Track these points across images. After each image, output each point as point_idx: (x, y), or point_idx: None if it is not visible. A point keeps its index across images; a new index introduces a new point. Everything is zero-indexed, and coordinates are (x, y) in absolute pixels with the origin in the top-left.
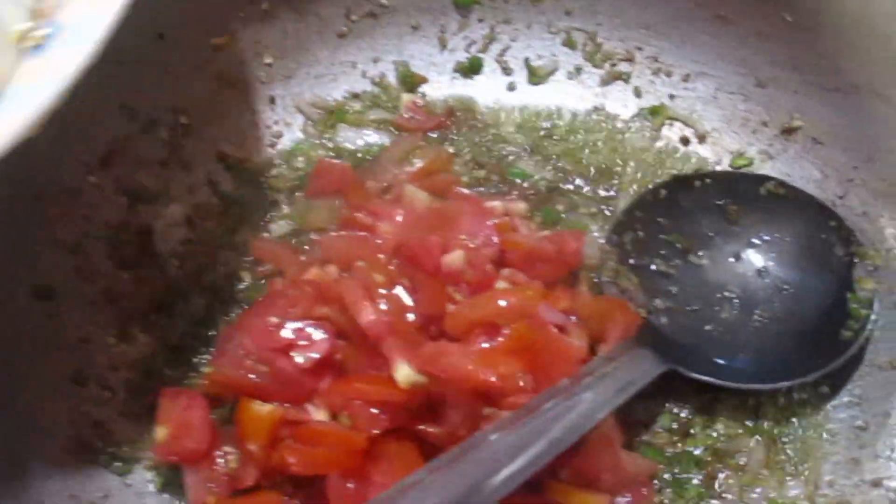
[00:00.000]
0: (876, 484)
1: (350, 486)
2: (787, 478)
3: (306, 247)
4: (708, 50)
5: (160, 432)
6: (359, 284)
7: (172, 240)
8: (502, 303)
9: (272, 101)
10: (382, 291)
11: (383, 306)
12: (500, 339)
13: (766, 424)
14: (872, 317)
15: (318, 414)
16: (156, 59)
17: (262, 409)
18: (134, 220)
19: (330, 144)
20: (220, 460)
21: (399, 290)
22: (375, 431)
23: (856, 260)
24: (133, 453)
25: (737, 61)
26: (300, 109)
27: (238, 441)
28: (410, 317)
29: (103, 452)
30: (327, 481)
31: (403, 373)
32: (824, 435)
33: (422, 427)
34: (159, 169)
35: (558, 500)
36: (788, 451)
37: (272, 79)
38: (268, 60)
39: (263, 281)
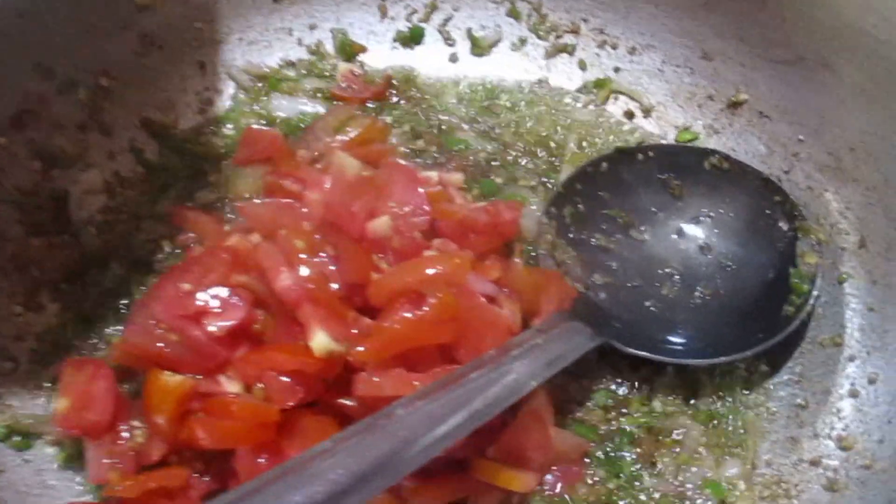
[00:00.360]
0: (814, 463)
1: (261, 461)
2: (725, 457)
3: (231, 216)
4: (654, 22)
5: (61, 403)
6: (277, 250)
7: (90, 207)
8: (428, 271)
9: (202, 66)
10: (303, 257)
11: (304, 272)
12: (425, 308)
13: (703, 403)
14: (815, 293)
15: (231, 386)
16: (75, 15)
17: (172, 379)
18: (48, 185)
19: (262, 112)
20: (125, 434)
21: (322, 259)
22: (290, 403)
23: (799, 235)
24: (35, 428)
25: (683, 33)
26: (231, 76)
27: (145, 415)
28: (334, 287)
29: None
30: (236, 456)
31: (320, 340)
32: (763, 413)
33: (340, 400)
34: (77, 133)
35: (485, 478)
36: (726, 430)
37: (202, 43)
38: (198, 24)
39: (183, 250)
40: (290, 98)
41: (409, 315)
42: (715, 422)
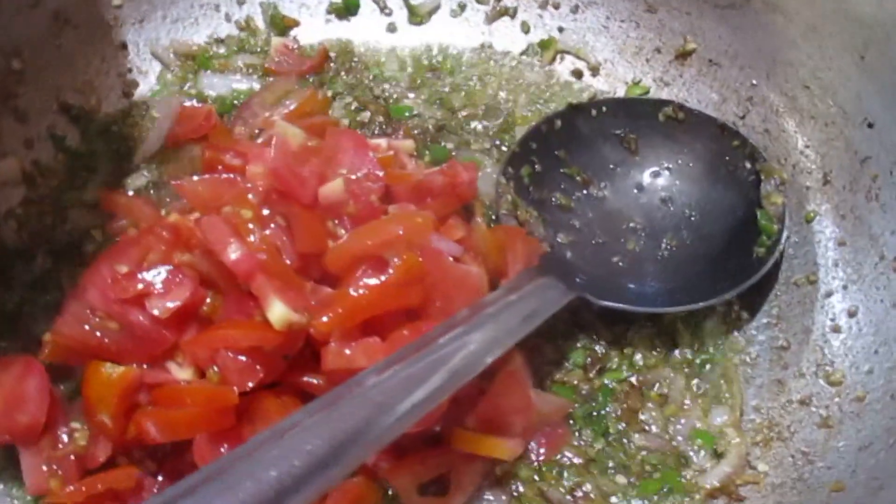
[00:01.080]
0: (804, 402)
1: (222, 449)
2: (712, 405)
3: (168, 199)
4: None
5: None
6: (223, 221)
7: (9, 200)
8: (389, 232)
9: (124, 46)
10: (252, 228)
11: (254, 242)
12: (389, 271)
13: (684, 353)
14: (785, 232)
15: (181, 372)
16: None
17: (114, 371)
18: None
19: (192, 92)
20: (64, 437)
21: (272, 230)
22: (249, 384)
23: (762, 177)
24: None
25: None
26: (156, 56)
27: (86, 413)
28: (287, 261)
29: None
30: (194, 446)
31: (278, 311)
32: (746, 359)
33: (304, 378)
34: None
35: (467, 449)
36: (710, 379)
37: (123, 22)
38: (116, 2)
39: (118, 239)
40: (221, 75)
41: (372, 280)
42: (697, 371)
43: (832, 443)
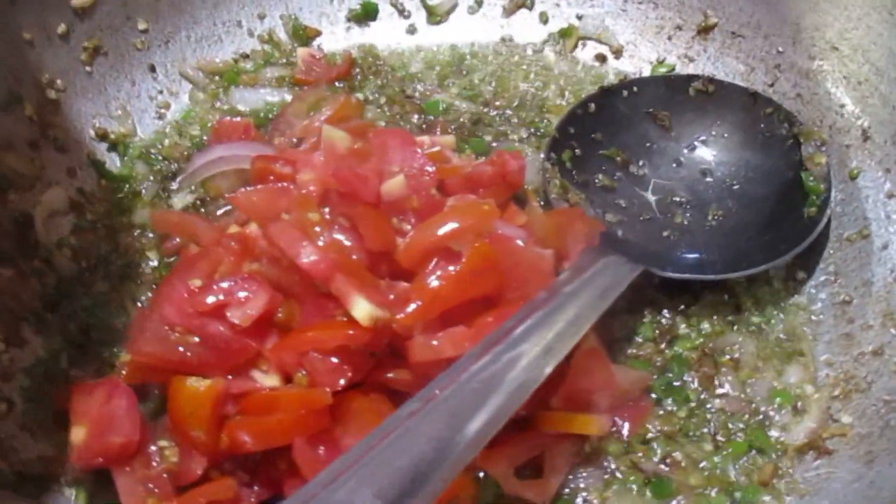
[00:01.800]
0: (877, 353)
1: (320, 451)
2: (784, 365)
3: (218, 214)
4: None
5: (76, 434)
6: (292, 226)
7: (59, 229)
8: (457, 223)
9: (152, 69)
10: (318, 230)
11: (327, 243)
12: (463, 261)
13: (748, 317)
14: (832, 190)
15: (266, 380)
16: (7, 24)
17: (200, 384)
18: (7, 209)
19: (225, 108)
20: (155, 456)
21: (338, 233)
22: (341, 383)
23: (801, 140)
24: (45, 469)
25: None
26: (185, 75)
27: (174, 430)
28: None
29: (8, 474)
30: (294, 450)
31: (363, 308)
32: (810, 317)
33: (389, 375)
34: (30, 151)
35: (557, 428)
36: (778, 340)
37: (149, 45)
38: (141, 26)
39: (174, 258)
40: (251, 90)
41: (447, 270)
42: (765, 334)
43: None
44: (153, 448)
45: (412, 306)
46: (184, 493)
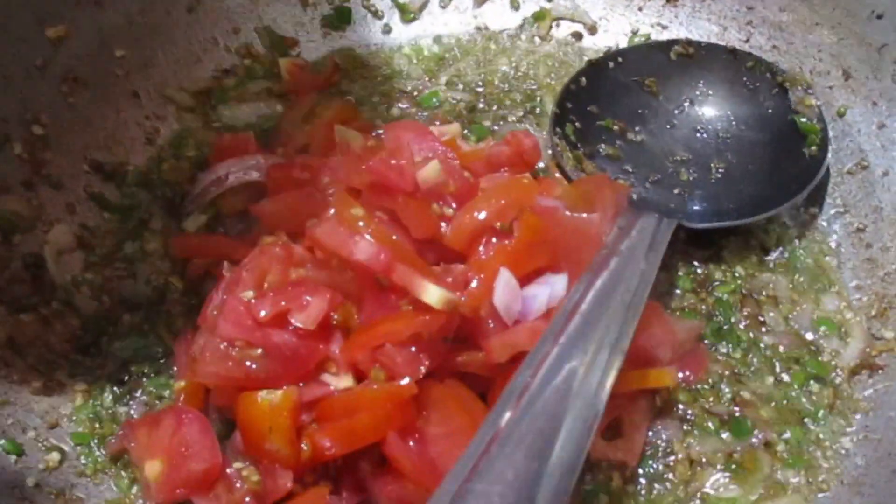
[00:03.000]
0: None
1: (411, 444)
2: (819, 296)
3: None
4: None
5: (151, 469)
6: (338, 224)
7: (70, 266)
8: (499, 200)
9: (136, 95)
10: (362, 225)
11: (380, 236)
12: (514, 236)
13: (776, 257)
14: (829, 128)
15: (339, 382)
16: None
17: (274, 396)
18: (14, 253)
19: (217, 125)
20: (235, 478)
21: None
22: (421, 370)
23: (787, 86)
24: None
25: None
26: (169, 97)
27: (249, 449)
28: None
29: None
30: (387, 445)
31: (435, 293)
32: (832, 248)
33: (461, 359)
34: (25, 191)
35: (632, 387)
36: (807, 272)
37: (129, 71)
38: (119, 52)
39: (208, 276)
40: (241, 105)
41: (503, 245)
42: (794, 270)
43: None
44: (231, 472)
45: (474, 284)
46: None
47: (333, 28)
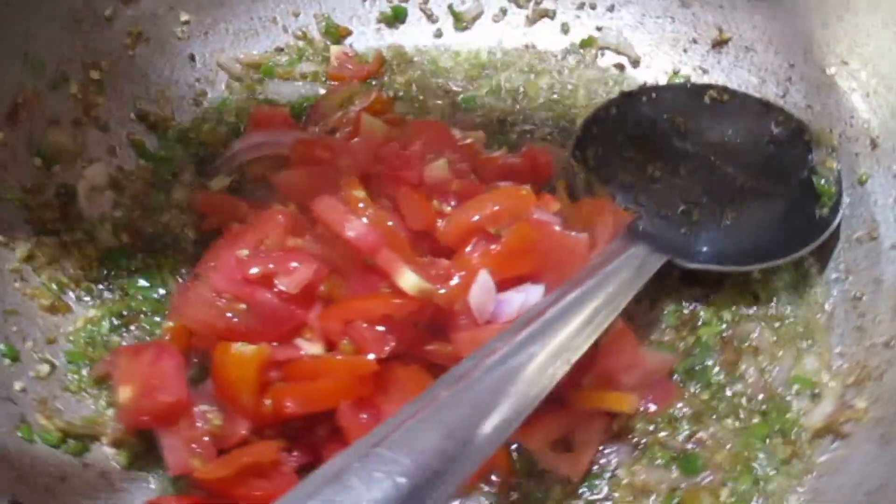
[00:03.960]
0: (888, 345)
1: (363, 417)
2: (801, 354)
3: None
4: None
5: (123, 393)
6: (339, 202)
7: (100, 204)
8: (496, 205)
9: (192, 58)
10: (363, 207)
11: (374, 217)
12: (502, 240)
13: (767, 308)
14: (843, 192)
15: (311, 348)
16: (58, 5)
17: (246, 349)
18: (50, 182)
19: (261, 97)
20: (199, 420)
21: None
22: (386, 350)
23: (812, 146)
24: (89, 430)
25: None
26: (222, 66)
27: (218, 394)
28: None
29: (51, 431)
30: (338, 414)
31: (411, 279)
32: (824, 311)
33: (429, 348)
34: (74, 128)
35: (590, 405)
36: (794, 330)
37: (190, 35)
38: (183, 17)
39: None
40: (286, 83)
41: (489, 248)
42: (781, 325)
43: None
44: (197, 411)
45: (455, 280)
46: (226, 454)
47: (388, 25)
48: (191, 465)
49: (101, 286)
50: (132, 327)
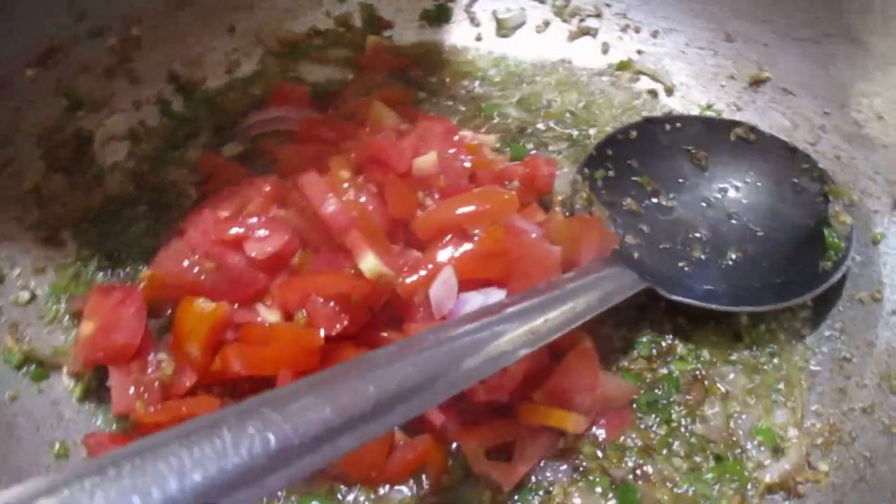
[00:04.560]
0: (866, 411)
1: None
2: (773, 406)
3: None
4: (678, 6)
5: (86, 327)
6: (322, 179)
7: (114, 153)
8: (476, 206)
9: (232, 29)
10: (346, 188)
11: (351, 199)
12: (475, 240)
13: (747, 353)
14: (852, 249)
15: (269, 314)
16: None
17: (206, 306)
18: (71, 124)
19: (291, 75)
20: (152, 365)
21: (365, 196)
22: (336, 328)
23: (830, 198)
24: (52, 359)
25: (707, 16)
26: (260, 40)
27: (174, 345)
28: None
29: (14, 353)
30: (277, 381)
31: (370, 262)
32: (808, 366)
33: (383, 334)
34: (104, 78)
35: (535, 421)
36: (772, 381)
37: (235, 7)
38: None
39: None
40: (318, 65)
41: (459, 248)
42: (760, 372)
43: None
44: (152, 358)
45: (418, 273)
46: (168, 402)
47: (430, 22)
48: (132, 406)
49: (98, 228)
50: (119, 270)
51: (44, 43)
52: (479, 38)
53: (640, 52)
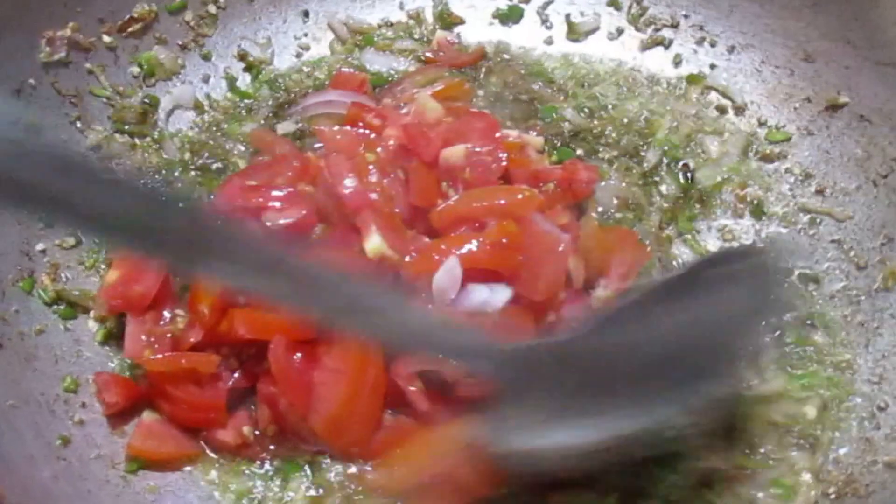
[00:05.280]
0: (891, 466)
1: (296, 357)
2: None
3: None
4: (757, 21)
5: (111, 275)
6: (345, 159)
7: (178, 121)
8: (494, 201)
9: (306, 14)
10: (371, 169)
11: (369, 182)
12: (482, 235)
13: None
14: None
15: None
16: None
17: None
18: (140, 91)
19: (355, 63)
20: (167, 317)
21: (390, 180)
22: None
23: None
24: (82, 301)
25: (786, 34)
26: (332, 27)
27: (190, 302)
28: (397, 209)
29: (49, 291)
30: (270, 345)
31: (374, 242)
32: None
33: None
34: (179, 51)
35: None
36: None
37: None
38: None
39: None
40: (382, 54)
41: (471, 238)
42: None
43: None
44: (168, 311)
45: (424, 260)
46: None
47: (501, 22)
48: (142, 353)
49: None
50: None
51: (124, 13)
52: (549, 42)
53: (713, 66)
